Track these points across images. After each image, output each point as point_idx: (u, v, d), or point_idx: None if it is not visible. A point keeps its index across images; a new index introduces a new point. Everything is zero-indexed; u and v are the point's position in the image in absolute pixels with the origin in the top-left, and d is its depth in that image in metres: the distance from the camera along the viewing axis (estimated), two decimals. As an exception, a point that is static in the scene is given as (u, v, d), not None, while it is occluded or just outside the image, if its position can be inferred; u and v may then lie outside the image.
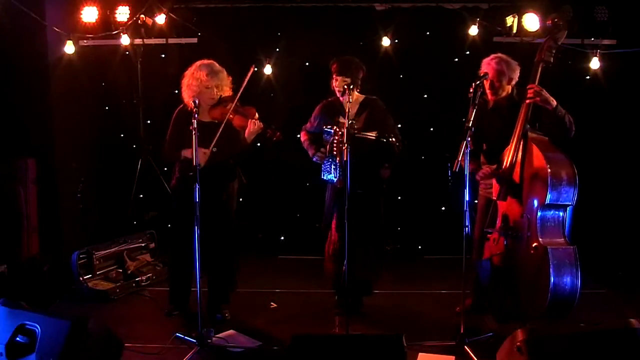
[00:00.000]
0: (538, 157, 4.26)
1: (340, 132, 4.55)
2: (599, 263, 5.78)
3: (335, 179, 4.67)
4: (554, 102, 4.35)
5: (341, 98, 4.79)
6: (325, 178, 4.76)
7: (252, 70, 4.76)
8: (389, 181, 4.81)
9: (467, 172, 4.18)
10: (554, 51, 4.39)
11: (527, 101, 4.35)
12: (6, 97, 5.75)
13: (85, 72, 6.29)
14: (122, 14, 6.04)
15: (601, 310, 5.00)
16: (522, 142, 4.35)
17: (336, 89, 4.78)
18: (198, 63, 4.78)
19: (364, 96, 4.88)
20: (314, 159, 4.80)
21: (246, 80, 4.70)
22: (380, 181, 4.78)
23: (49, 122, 5.99)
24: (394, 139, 4.59)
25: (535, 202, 4.25)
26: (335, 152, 4.62)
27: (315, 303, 5.14)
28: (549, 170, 4.17)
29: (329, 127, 4.68)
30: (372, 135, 4.57)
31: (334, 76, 4.77)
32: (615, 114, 6.13)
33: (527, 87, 4.38)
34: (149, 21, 6.09)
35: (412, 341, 4.14)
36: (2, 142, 5.71)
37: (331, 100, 4.92)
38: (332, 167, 4.68)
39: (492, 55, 4.68)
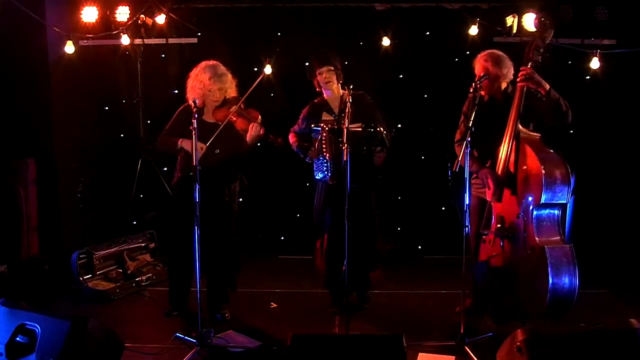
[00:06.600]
0: (531, 158, 4.26)
1: (327, 128, 4.59)
2: (599, 263, 5.77)
3: (327, 176, 4.67)
4: (547, 86, 4.34)
5: (325, 95, 4.82)
6: (318, 177, 4.77)
7: (262, 76, 4.76)
8: (389, 180, 4.79)
9: (467, 172, 4.18)
10: (542, 50, 4.38)
11: (519, 84, 4.34)
12: (6, 97, 5.75)
13: (85, 72, 6.28)
14: (122, 14, 6.03)
15: (601, 310, 4.99)
16: (514, 142, 4.35)
17: (323, 83, 4.78)
18: (203, 64, 4.76)
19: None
20: (307, 160, 4.82)
21: (254, 85, 4.69)
22: (373, 172, 4.78)
23: (49, 122, 5.99)
24: (380, 128, 4.59)
25: (531, 202, 4.25)
26: (324, 149, 4.64)
27: (315, 303, 5.13)
28: (543, 170, 4.18)
29: (317, 126, 4.70)
30: (357, 127, 4.55)
31: (317, 72, 4.77)
32: (615, 114, 6.13)
33: (520, 69, 4.38)
34: (149, 21, 6.09)
35: (412, 341, 4.14)
36: (2, 142, 5.71)
37: (316, 101, 4.94)
38: (324, 165, 4.68)
39: (485, 51, 4.68)
